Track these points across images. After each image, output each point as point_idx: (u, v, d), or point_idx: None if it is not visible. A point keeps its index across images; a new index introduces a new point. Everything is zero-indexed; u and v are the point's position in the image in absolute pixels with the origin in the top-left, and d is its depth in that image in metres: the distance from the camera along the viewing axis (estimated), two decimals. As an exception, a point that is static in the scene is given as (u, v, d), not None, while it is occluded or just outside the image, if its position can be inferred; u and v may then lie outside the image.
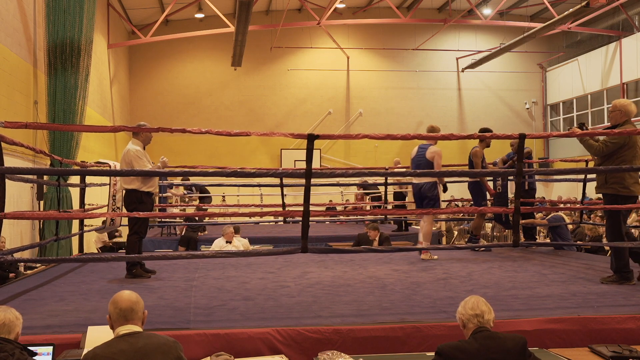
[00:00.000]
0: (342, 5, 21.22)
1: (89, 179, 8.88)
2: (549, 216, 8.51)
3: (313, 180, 4.96)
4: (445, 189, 7.64)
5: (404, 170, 11.16)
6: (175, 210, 11.36)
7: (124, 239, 13.23)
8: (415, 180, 7.34)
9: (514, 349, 2.79)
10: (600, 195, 5.57)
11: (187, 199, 12.37)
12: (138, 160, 5.90)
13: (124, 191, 6.10)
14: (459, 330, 3.68)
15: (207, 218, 12.33)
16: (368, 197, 14.90)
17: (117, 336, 2.63)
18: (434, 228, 14.11)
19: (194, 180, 11.83)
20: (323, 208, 15.06)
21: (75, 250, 9.92)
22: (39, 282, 5.75)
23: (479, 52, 22.60)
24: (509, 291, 4.88)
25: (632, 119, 5.36)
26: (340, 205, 17.35)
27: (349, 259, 7.16)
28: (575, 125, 5.47)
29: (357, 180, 14.39)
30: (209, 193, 12.97)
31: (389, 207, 12.01)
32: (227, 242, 8.55)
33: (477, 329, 2.85)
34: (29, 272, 7.69)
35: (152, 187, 6.09)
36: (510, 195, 8.26)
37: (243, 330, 3.65)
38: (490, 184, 8.12)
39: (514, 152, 8.19)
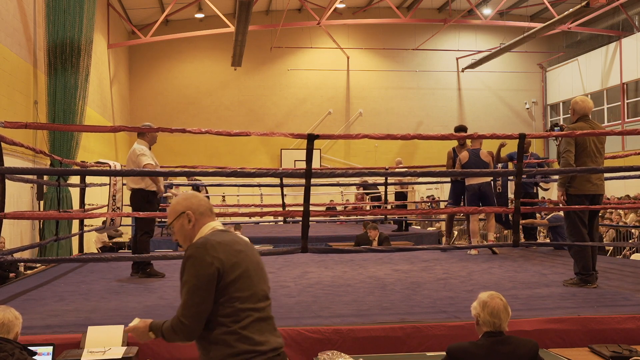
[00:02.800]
0: (342, 5, 21.22)
1: (89, 179, 8.88)
2: (549, 216, 8.51)
3: (313, 180, 4.96)
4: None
5: (404, 170, 11.16)
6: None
7: (124, 239, 13.25)
8: (473, 181, 7.66)
9: (525, 356, 2.74)
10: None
11: None
12: (143, 159, 5.90)
13: (130, 191, 6.07)
14: (459, 330, 3.69)
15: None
16: (368, 197, 14.90)
17: (217, 230, 2.33)
18: (433, 228, 14.15)
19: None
20: (323, 208, 15.06)
21: (75, 250, 9.91)
22: (39, 282, 5.75)
23: (479, 52, 22.60)
24: (509, 291, 4.88)
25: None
26: (340, 205, 17.36)
27: (349, 259, 7.16)
28: (551, 128, 5.51)
29: (357, 180, 14.39)
30: (207, 193, 12.95)
31: (389, 207, 12.01)
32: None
33: (490, 332, 2.80)
34: (29, 272, 7.69)
35: (154, 186, 6.08)
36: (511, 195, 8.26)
37: (243, 330, 3.64)
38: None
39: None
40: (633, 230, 11.82)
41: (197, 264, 2.20)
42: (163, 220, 10.81)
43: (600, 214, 12.78)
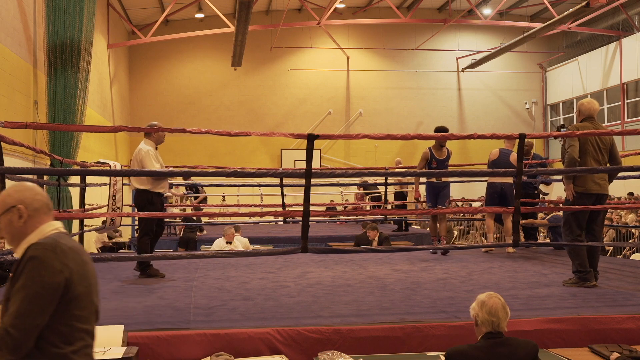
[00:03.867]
0: (342, 5, 21.21)
1: (89, 179, 8.88)
2: (549, 216, 8.51)
3: (313, 180, 4.96)
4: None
5: (404, 170, 11.16)
6: (175, 210, 11.36)
7: (124, 239, 13.25)
8: (497, 180, 7.69)
9: (525, 358, 2.74)
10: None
11: (188, 199, 12.35)
12: (146, 160, 5.89)
13: (134, 191, 6.06)
14: (459, 330, 3.69)
15: (207, 218, 12.31)
16: (368, 197, 14.90)
17: (62, 232, 2.08)
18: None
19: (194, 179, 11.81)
20: (323, 208, 15.06)
21: (75, 250, 9.90)
22: (39, 282, 5.74)
23: (479, 52, 22.60)
24: (509, 291, 4.88)
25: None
26: (340, 205, 17.35)
27: (349, 259, 7.16)
28: (557, 128, 5.51)
29: (357, 180, 14.39)
30: (205, 193, 12.96)
31: (389, 207, 12.01)
32: (227, 242, 8.55)
33: (489, 333, 2.79)
34: (29, 272, 7.67)
35: (162, 188, 6.06)
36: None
37: (243, 330, 3.65)
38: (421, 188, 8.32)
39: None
40: (633, 230, 11.82)
41: (43, 269, 1.88)
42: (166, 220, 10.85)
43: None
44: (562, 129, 5.63)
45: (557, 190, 21.66)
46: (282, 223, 14.22)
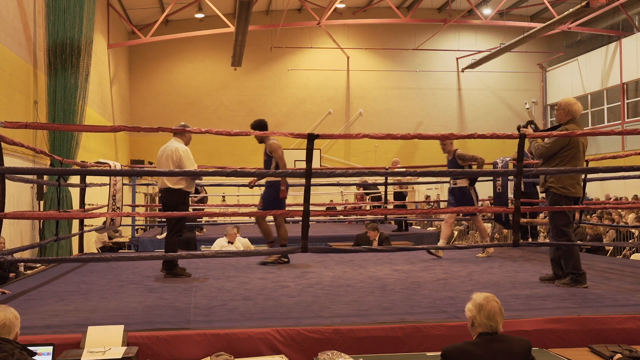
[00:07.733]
0: (342, 5, 21.23)
1: (89, 179, 8.87)
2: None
3: (313, 180, 4.96)
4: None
5: (404, 170, 11.16)
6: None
7: (124, 239, 13.25)
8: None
9: (520, 353, 2.78)
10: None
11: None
12: (188, 160, 5.89)
13: (164, 190, 5.99)
14: (459, 330, 3.69)
15: (207, 218, 12.31)
16: (368, 197, 14.90)
17: None
18: (433, 228, 14.15)
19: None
20: (323, 208, 15.06)
21: (75, 250, 9.91)
22: (39, 282, 5.75)
23: (479, 52, 22.60)
24: (509, 291, 4.88)
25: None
26: (340, 205, 17.35)
27: (349, 259, 7.16)
28: (524, 125, 5.44)
29: (357, 180, 14.39)
30: (206, 193, 12.96)
31: (389, 207, 12.01)
32: (229, 242, 8.56)
33: (485, 332, 2.83)
34: (29, 272, 7.68)
35: (192, 187, 6.16)
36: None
37: (243, 330, 3.65)
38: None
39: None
40: (633, 230, 11.82)
41: None
42: (162, 220, 10.83)
43: (597, 214, 12.83)
44: (531, 126, 5.53)
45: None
46: (282, 223, 14.19)
